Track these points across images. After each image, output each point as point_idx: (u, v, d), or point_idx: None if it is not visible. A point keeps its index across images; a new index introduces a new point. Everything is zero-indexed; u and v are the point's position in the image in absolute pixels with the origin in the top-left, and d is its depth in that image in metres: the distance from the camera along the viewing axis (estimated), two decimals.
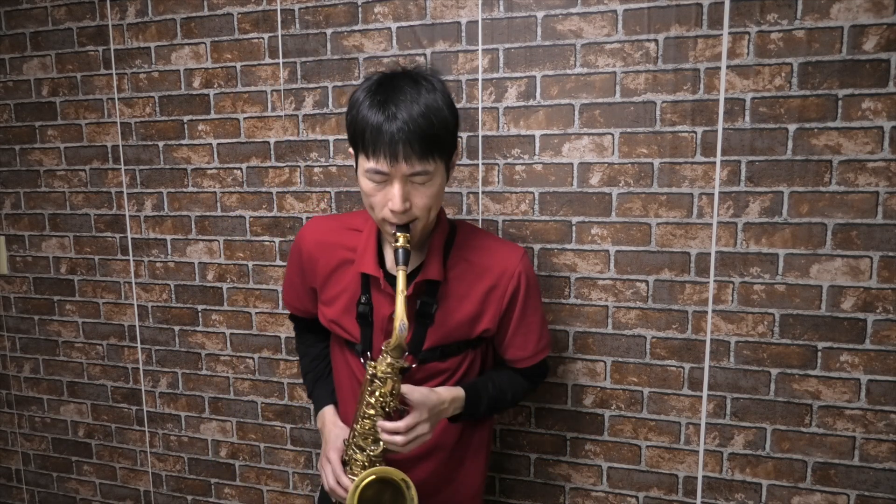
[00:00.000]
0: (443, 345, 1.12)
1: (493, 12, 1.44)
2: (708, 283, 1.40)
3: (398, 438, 1.01)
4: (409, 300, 1.07)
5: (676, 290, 1.42)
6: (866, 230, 1.29)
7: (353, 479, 1.07)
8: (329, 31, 1.57)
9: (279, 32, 1.61)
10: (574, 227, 1.47)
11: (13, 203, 1.96)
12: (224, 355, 1.81)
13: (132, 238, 1.84)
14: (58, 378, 2.01)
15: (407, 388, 1.03)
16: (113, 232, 1.86)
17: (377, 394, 1.02)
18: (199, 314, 1.81)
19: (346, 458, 1.12)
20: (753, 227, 1.36)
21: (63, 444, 2.06)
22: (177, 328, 1.85)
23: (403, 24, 1.51)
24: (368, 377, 1.03)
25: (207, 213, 1.75)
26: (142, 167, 1.79)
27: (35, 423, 2.08)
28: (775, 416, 1.40)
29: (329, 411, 1.25)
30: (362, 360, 1.15)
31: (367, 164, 0.98)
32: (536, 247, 1.50)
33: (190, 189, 1.76)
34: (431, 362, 1.12)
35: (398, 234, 0.99)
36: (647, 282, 1.44)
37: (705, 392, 1.44)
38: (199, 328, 1.82)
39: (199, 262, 1.79)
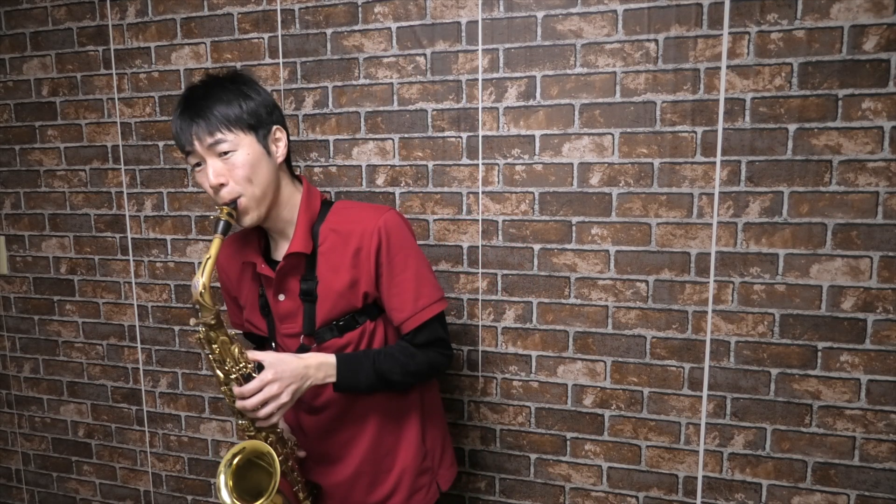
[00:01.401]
0: (335, 319, 1.14)
1: (493, 12, 1.44)
2: (708, 283, 1.40)
3: (246, 403, 1.02)
4: (290, 280, 1.14)
5: (676, 290, 1.42)
6: (866, 230, 1.29)
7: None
8: (329, 31, 1.57)
9: (279, 32, 1.61)
10: (574, 227, 1.47)
11: (13, 203, 1.95)
12: None
13: (132, 238, 1.84)
14: (58, 378, 2.01)
15: (259, 353, 1.05)
16: (113, 232, 1.86)
17: (221, 363, 1.04)
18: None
19: None
20: (753, 227, 1.35)
21: (63, 444, 2.06)
22: (177, 328, 1.84)
23: (403, 24, 1.51)
24: (202, 345, 1.05)
25: (207, 213, 1.75)
26: (142, 167, 1.79)
27: (35, 423, 2.08)
28: (775, 416, 1.40)
29: None
30: (272, 346, 1.20)
31: (186, 159, 1.09)
32: (536, 247, 1.50)
33: (190, 189, 1.76)
34: (329, 339, 1.15)
35: (222, 206, 1.05)
36: (647, 282, 1.44)
37: (705, 392, 1.44)
38: None
39: (199, 263, 1.78)
